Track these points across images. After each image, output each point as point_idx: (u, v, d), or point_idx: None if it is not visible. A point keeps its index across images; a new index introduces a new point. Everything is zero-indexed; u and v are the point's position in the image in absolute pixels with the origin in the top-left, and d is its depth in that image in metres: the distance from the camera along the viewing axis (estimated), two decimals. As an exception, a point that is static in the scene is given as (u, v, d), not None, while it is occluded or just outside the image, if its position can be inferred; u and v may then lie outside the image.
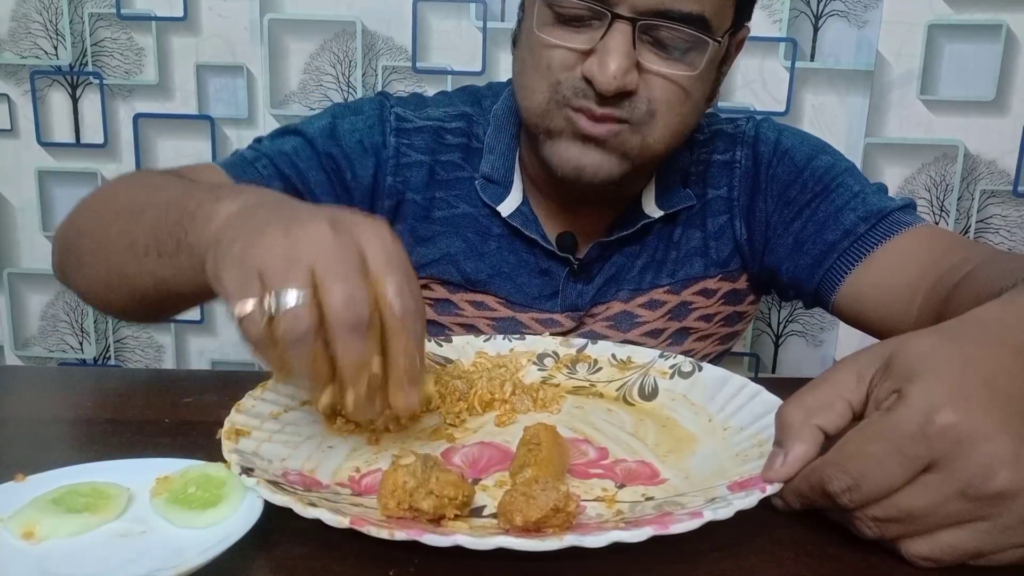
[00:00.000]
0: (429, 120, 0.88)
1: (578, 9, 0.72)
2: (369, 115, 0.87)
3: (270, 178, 0.82)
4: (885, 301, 0.77)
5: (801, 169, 0.85)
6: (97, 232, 0.69)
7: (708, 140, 0.90)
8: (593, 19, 0.72)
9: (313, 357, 0.46)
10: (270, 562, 0.43)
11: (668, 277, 0.88)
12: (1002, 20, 1.31)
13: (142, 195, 0.67)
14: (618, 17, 0.70)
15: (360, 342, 0.46)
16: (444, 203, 0.87)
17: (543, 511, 0.42)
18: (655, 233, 0.87)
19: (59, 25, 1.39)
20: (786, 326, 1.49)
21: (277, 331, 0.45)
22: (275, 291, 0.45)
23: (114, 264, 0.67)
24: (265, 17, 1.36)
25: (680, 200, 0.86)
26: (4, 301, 1.50)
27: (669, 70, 0.73)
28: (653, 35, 0.72)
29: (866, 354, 0.46)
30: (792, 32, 1.36)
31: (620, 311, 0.87)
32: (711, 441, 0.57)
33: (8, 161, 1.44)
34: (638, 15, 0.70)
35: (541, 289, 0.87)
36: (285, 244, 0.46)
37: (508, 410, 0.63)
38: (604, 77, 0.70)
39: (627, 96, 0.73)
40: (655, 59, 0.73)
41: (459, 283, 0.87)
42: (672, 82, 0.73)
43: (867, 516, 0.43)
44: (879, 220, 0.80)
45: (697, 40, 0.72)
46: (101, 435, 0.60)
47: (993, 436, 0.40)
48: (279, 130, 0.88)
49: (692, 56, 0.73)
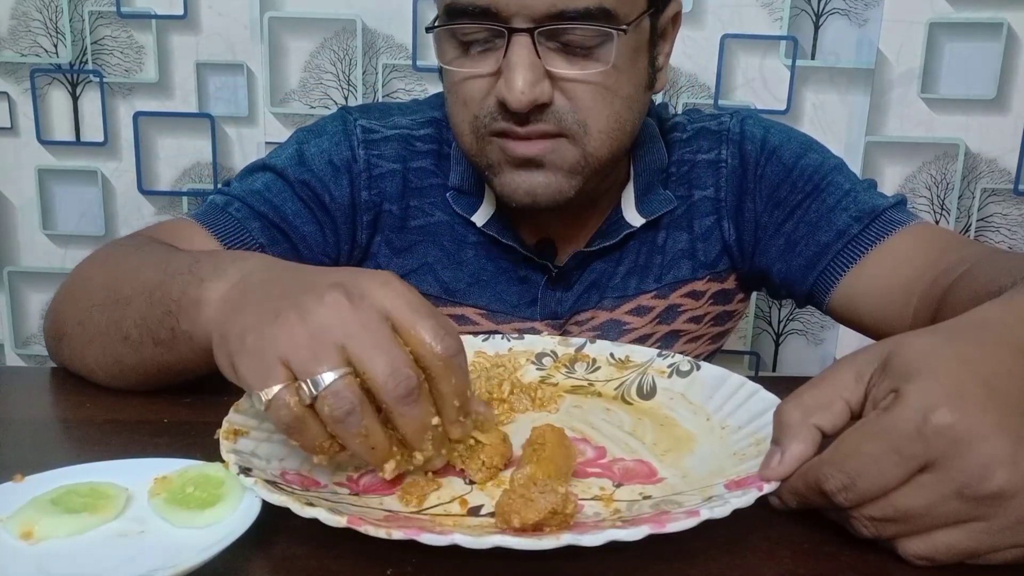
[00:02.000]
0: (397, 129, 0.86)
1: (477, 32, 0.70)
2: (333, 133, 0.85)
3: (246, 219, 0.80)
4: (880, 302, 0.76)
5: (790, 169, 0.83)
6: (87, 324, 0.67)
7: (691, 138, 0.87)
8: (495, 39, 0.70)
9: (365, 433, 0.45)
10: (268, 562, 0.43)
11: (654, 281, 0.86)
12: (1003, 18, 1.31)
13: (119, 282, 0.65)
14: (515, 31, 0.68)
15: (416, 408, 0.45)
16: (419, 212, 0.86)
17: (541, 514, 0.41)
18: (637, 238, 0.86)
19: (59, 23, 1.39)
20: (786, 324, 1.49)
21: (322, 414, 0.44)
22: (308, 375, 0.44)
23: (111, 354, 0.65)
24: (265, 15, 1.36)
25: (661, 204, 0.85)
26: (4, 299, 1.50)
27: (581, 71, 0.70)
28: (557, 40, 0.69)
29: (865, 353, 0.46)
30: (793, 30, 1.35)
31: (607, 319, 0.86)
32: (709, 440, 0.57)
33: (8, 159, 1.44)
34: (535, 23, 0.68)
35: (520, 297, 0.86)
36: (305, 329, 0.45)
37: (507, 409, 0.63)
38: (512, 94, 0.68)
39: (546, 108, 0.70)
40: (564, 63, 0.70)
41: (437, 295, 0.86)
42: (590, 83, 0.71)
43: (863, 515, 0.43)
44: (872, 220, 0.79)
45: (603, 34, 0.69)
46: (100, 435, 0.60)
47: (990, 436, 0.40)
48: (247, 169, 0.86)
49: (602, 51, 0.70)
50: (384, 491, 0.50)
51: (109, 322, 0.64)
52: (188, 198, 1.45)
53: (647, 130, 0.85)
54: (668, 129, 0.88)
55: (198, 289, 0.55)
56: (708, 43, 1.35)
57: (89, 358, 0.68)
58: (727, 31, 1.35)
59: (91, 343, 0.67)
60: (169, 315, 0.58)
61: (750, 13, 1.35)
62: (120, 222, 1.46)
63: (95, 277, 0.69)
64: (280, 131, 1.39)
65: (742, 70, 1.37)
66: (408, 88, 1.40)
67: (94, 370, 0.68)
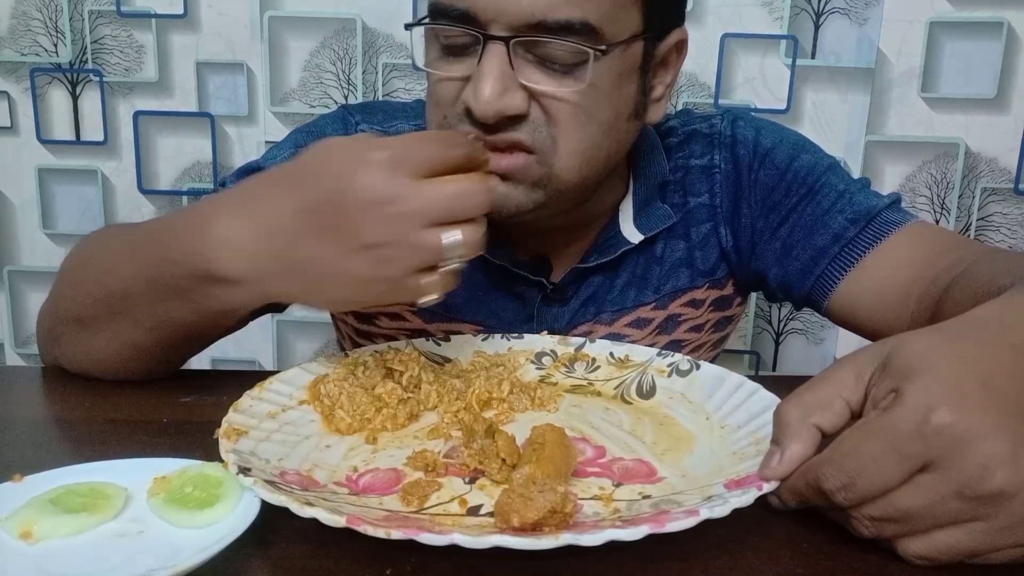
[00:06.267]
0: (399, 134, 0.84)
1: (456, 35, 0.68)
2: (333, 134, 0.83)
3: None
4: (879, 305, 0.76)
5: (784, 171, 0.82)
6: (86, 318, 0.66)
7: (683, 143, 0.86)
8: (474, 44, 0.67)
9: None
10: (267, 562, 0.43)
11: (653, 293, 0.84)
12: (1003, 18, 1.31)
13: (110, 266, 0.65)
14: (491, 38, 0.65)
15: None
16: None
17: (540, 513, 0.41)
18: (634, 250, 0.84)
19: (59, 22, 1.39)
20: (786, 324, 1.49)
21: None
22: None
23: (124, 339, 0.66)
24: (265, 14, 1.36)
25: (660, 220, 0.83)
26: (4, 299, 1.50)
27: (554, 87, 0.67)
28: (535, 52, 0.66)
29: (865, 353, 0.46)
30: (793, 29, 1.35)
31: (605, 333, 0.84)
32: (709, 439, 0.57)
33: (8, 159, 1.44)
34: (512, 32, 0.65)
35: (516, 313, 0.84)
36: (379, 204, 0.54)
37: (506, 409, 0.63)
38: (478, 103, 0.65)
39: (518, 121, 0.67)
40: (541, 76, 0.67)
41: (434, 310, 0.84)
42: (564, 101, 0.67)
43: (863, 515, 0.43)
44: (868, 222, 0.77)
45: (580, 51, 0.65)
46: (99, 435, 0.60)
47: (990, 436, 0.39)
48: (241, 169, 0.84)
49: (578, 70, 0.66)
50: (383, 491, 0.50)
51: (112, 309, 0.64)
52: (188, 197, 1.45)
53: (648, 140, 0.83)
54: (663, 134, 0.86)
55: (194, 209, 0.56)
56: (708, 42, 1.35)
57: (97, 350, 0.68)
58: (727, 30, 1.35)
59: (97, 335, 0.66)
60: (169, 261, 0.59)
61: (750, 12, 1.35)
62: (120, 221, 1.46)
63: (80, 271, 0.69)
64: (280, 130, 1.39)
65: (742, 69, 1.37)
66: (408, 87, 1.39)
67: (100, 363, 0.68)
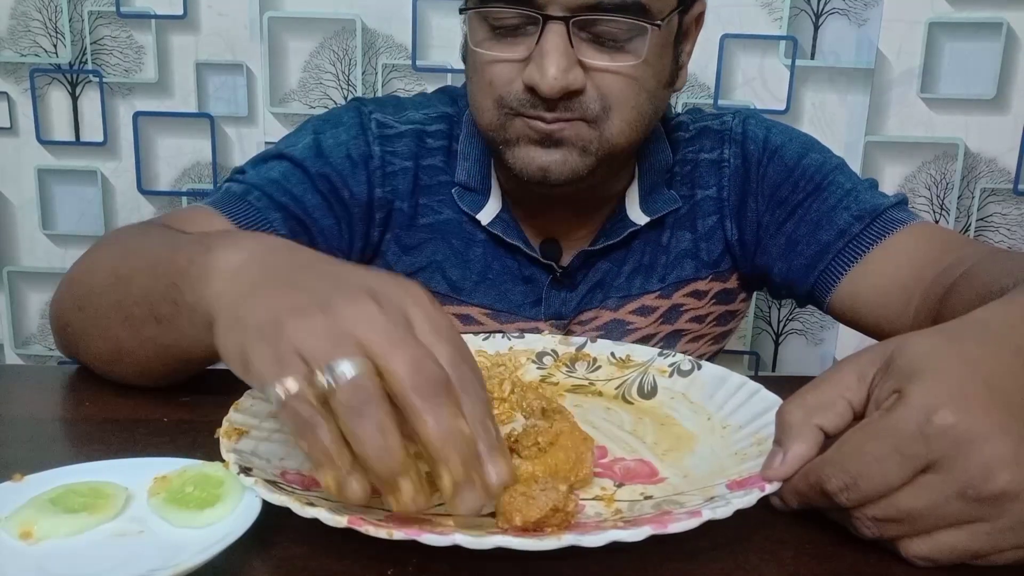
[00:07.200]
0: (411, 124, 0.86)
1: (511, 18, 0.70)
2: (350, 125, 0.84)
3: (266, 209, 0.78)
4: (881, 302, 0.77)
5: (792, 168, 0.84)
6: (88, 308, 0.65)
7: (694, 138, 0.88)
8: (527, 25, 0.70)
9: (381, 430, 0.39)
10: (268, 562, 0.43)
11: (658, 281, 0.86)
12: (1002, 18, 1.31)
13: (126, 261, 0.63)
14: (550, 18, 0.68)
15: (442, 407, 0.39)
16: (428, 209, 0.86)
17: (543, 511, 0.41)
18: (641, 238, 0.86)
19: (59, 23, 1.39)
20: (786, 324, 1.49)
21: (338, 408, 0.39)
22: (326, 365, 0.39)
23: (111, 338, 0.63)
24: (265, 15, 1.36)
25: (666, 203, 0.85)
26: (4, 299, 1.50)
27: (613, 63, 0.71)
28: (591, 30, 0.70)
29: (867, 353, 0.46)
30: (792, 30, 1.35)
31: (610, 319, 0.86)
32: (710, 440, 0.57)
33: (8, 159, 1.44)
34: (571, 12, 0.68)
35: (524, 296, 0.86)
36: (328, 322, 0.41)
37: (507, 409, 0.63)
38: (545, 80, 0.69)
39: (576, 96, 0.71)
40: (597, 54, 0.71)
41: (445, 293, 0.85)
42: (619, 74, 0.72)
43: (866, 516, 0.42)
44: (873, 219, 0.79)
45: (636, 27, 0.70)
46: (99, 434, 0.60)
47: (993, 437, 0.39)
48: (260, 156, 0.84)
49: (634, 44, 0.71)
50: (384, 491, 0.50)
51: (111, 304, 0.63)
52: (188, 198, 1.44)
53: (653, 129, 0.85)
54: (672, 128, 0.89)
55: (206, 256, 0.50)
56: (708, 43, 1.35)
57: (89, 344, 0.67)
58: (727, 31, 1.35)
59: (92, 327, 0.65)
60: (174, 287, 0.54)
61: (750, 13, 1.35)
62: (120, 222, 1.45)
63: (97, 262, 0.68)
64: (280, 131, 1.39)
65: (742, 70, 1.37)
66: (408, 88, 1.39)
67: (94, 358, 0.67)
